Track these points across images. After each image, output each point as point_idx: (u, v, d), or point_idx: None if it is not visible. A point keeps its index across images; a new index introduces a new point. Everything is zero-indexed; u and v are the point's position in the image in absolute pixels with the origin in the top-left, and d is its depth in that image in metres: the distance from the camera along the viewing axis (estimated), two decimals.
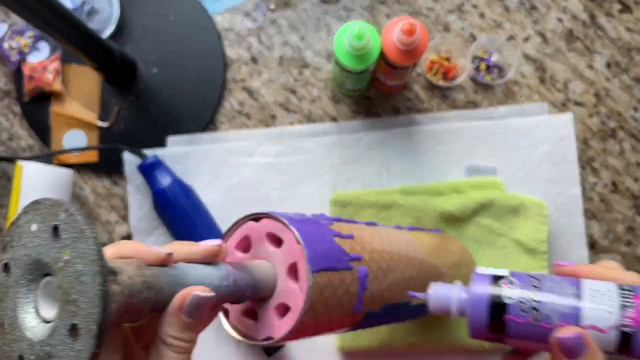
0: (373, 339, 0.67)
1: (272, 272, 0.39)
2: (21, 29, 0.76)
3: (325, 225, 0.42)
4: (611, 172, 0.73)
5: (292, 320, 0.37)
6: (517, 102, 0.74)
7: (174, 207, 0.68)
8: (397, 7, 0.76)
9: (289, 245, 0.39)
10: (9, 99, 0.77)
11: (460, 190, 0.71)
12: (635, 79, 0.74)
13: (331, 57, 0.75)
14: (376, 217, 0.69)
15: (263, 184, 0.73)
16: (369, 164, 0.73)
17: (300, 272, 0.38)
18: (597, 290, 0.35)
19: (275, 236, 0.40)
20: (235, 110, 0.75)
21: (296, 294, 0.38)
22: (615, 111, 0.74)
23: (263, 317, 0.39)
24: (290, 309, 0.38)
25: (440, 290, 0.40)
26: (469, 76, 0.74)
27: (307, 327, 0.38)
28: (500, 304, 0.36)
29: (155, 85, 0.75)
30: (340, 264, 0.40)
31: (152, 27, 0.76)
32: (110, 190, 0.75)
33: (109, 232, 0.74)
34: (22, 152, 0.76)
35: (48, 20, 0.57)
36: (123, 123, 0.75)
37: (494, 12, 0.75)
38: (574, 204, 0.71)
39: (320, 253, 0.38)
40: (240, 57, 0.76)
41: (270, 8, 0.75)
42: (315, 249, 0.38)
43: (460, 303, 0.39)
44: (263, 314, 0.39)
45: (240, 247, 0.42)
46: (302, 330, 0.38)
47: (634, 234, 0.72)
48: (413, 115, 0.74)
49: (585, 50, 0.75)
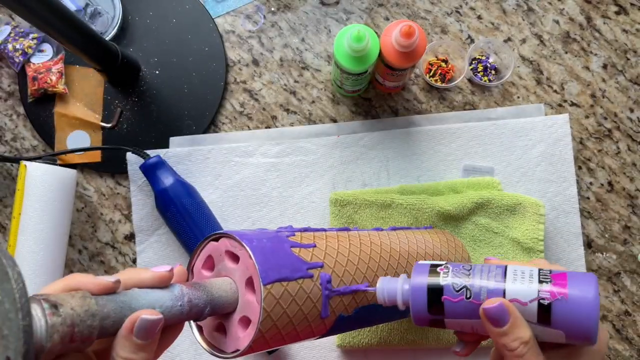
0: (372, 337, 0.68)
1: (232, 287, 0.41)
2: (25, 30, 0.77)
3: (284, 237, 0.44)
4: (607, 172, 0.74)
5: (252, 331, 0.40)
6: (514, 103, 0.75)
7: (176, 207, 0.68)
8: (395, 10, 0.76)
9: (245, 261, 0.41)
10: (13, 100, 0.78)
11: (458, 190, 0.72)
12: (631, 80, 0.75)
13: (331, 59, 0.76)
14: (375, 217, 0.70)
15: (264, 184, 0.74)
16: (368, 164, 0.74)
17: (255, 285, 0.40)
18: (519, 271, 0.40)
19: (233, 253, 0.42)
20: (236, 111, 0.76)
21: (254, 306, 0.40)
22: (611, 112, 0.75)
23: (230, 330, 0.41)
24: (251, 321, 0.40)
25: (387, 283, 0.43)
26: (467, 77, 0.75)
27: (270, 335, 0.40)
28: (437, 288, 0.40)
29: (157, 87, 0.76)
30: (297, 273, 0.42)
31: (154, 29, 0.77)
32: (114, 190, 0.76)
33: (112, 231, 0.75)
34: (26, 153, 0.77)
35: (51, 22, 0.58)
36: (126, 124, 0.76)
37: (492, 15, 0.76)
38: (571, 203, 0.72)
39: (273, 265, 0.40)
40: (241, 58, 0.77)
41: (271, 10, 0.76)
42: (268, 261, 0.40)
43: (404, 293, 0.42)
44: (230, 328, 0.41)
45: (206, 266, 0.44)
46: (267, 340, 0.40)
47: (630, 233, 0.73)
48: (411, 116, 0.75)
49: (581, 52, 0.75)
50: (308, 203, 0.73)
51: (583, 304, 0.37)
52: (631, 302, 0.73)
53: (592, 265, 0.73)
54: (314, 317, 0.43)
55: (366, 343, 0.68)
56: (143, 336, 0.34)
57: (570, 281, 0.38)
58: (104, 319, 0.33)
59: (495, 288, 0.39)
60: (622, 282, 0.73)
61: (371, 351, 0.71)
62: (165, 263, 0.73)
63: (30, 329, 0.28)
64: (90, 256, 0.75)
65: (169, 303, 0.37)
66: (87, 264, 0.75)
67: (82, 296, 0.33)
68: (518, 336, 0.38)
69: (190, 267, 0.44)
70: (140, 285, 0.37)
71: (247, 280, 0.41)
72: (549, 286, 0.38)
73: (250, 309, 0.40)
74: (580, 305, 0.37)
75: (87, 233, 0.76)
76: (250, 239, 0.41)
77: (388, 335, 0.68)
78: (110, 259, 0.75)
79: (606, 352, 0.41)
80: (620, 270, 0.73)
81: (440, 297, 0.40)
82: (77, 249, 0.75)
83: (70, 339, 0.31)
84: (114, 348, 0.34)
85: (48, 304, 0.31)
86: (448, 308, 0.40)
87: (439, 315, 0.41)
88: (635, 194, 0.74)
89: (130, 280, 0.36)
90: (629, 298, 0.73)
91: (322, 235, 0.47)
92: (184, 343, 0.72)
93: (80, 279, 0.34)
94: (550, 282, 0.38)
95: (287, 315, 0.41)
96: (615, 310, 0.73)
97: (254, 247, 0.40)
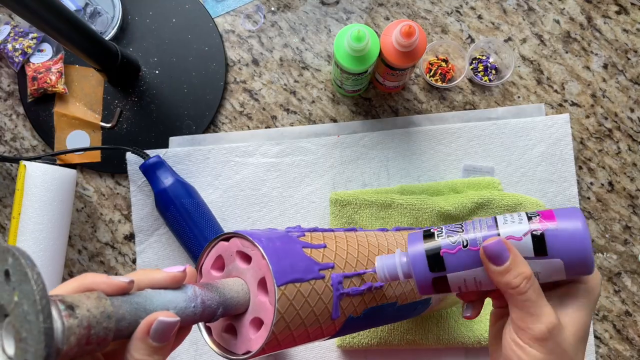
0: (372, 337, 0.68)
1: (243, 288, 0.40)
2: (25, 30, 0.77)
3: (295, 238, 0.44)
4: (608, 172, 0.74)
5: (265, 333, 0.39)
6: (515, 103, 0.75)
7: (175, 207, 0.68)
8: (395, 10, 0.76)
9: (257, 262, 0.40)
10: (12, 100, 0.78)
11: (459, 190, 0.71)
12: (631, 80, 0.75)
13: (331, 59, 0.76)
14: (375, 217, 0.70)
15: (264, 184, 0.74)
16: (368, 164, 0.74)
17: (268, 286, 0.40)
18: (508, 217, 0.41)
19: (244, 254, 0.41)
20: (236, 111, 0.76)
21: (267, 307, 0.39)
22: (611, 112, 0.74)
23: (241, 332, 0.41)
24: (264, 323, 0.40)
25: (385, 260, 0.44)
26: (467, 77, 0.75)
27: (283, 337, 0.40)
28: (435, 247, 0.41)
29: (157, 87, 0.76)
30: (309, 274, 0.41)
31: (154, 28, 0.77)
32: (113, 190, 0.76)
33: (112, 231, 0.75)
34: (26, 153, 0.77)
35: (51, 22, 0.58)
36: (126, 124, 0.76)
37: (492, 14, 0.76)
38: (571, 203, 0.72)
39: (286, 266, 0.40)
40: (241, 58, 0.77)
41: (271, 9, 0.76)
42: (282, 262, 0.40)
43: (403, 266, 0.43)
44: (241, 329, 0.41)
45: (216, 266, 0.43)
46: (279, 341, 0.40)
47: (631, 233, 0.73)
48: (412, 116, 0.75)
49: (582, 52, 0.75)
50: (308, 203, 0.73)
51: (574, 232, 0.39)
52: (632, 302, 0.73)
53: None
54: (325, 318, 0.43)
55: (366, 343, 0.68)
56: (159, 338, 0.33)
57: (558, 214, 0.40)
58: (120, 321, 0.32)
59: (489, 234, 0.40)
60: (622, 282, 0.73)
61: (371, 351, 0.71)
62: (165, 263, 0.73)
63: (52, 331, 0.27)
64: (90, 256, 0.75)
65: (182, 304, 0.36)
66: (87, 264, 0.75)
67: (98, 297, 0.32)
68: (520, 272, 0.39)
69: (199, 267, 0.44)
70: (153, 286, 0.36)
71: (260, 281, 0.40)
72: (538, 220, 0.40)
73: (263, 310, 0.40)
74: (572, 232, 0.39)
75: (86, 233, 0.75)
76: (263, 240, 0.41)
77: (388, 336, 0.68)
78: (110, 259, 0.75)
79: (599, 292, 0.42)
80: (621, 270, 0.73)
81: (439, 254, 0.41)
82: (77, 249, 0.75)
83: (87, 341, 0.30)
84: (128, 350, 0.33)
85: (64, 305, 0.30)
86: (448, 261, 0.41)
87: (441, 271, 0.41)
88: (636, 194, 0.74)
89: (143, 280, 0.36)
90: (629, 298, 0.73)
91: (331, 236, 0.47)
92: (184, 343, 0.72)
93: (93, 278, 0.33)
94: (539, 217, 0.40)
95: (299, 316, 0.40)
96: (616, 310, 0.73)
97: (267, 247, 0.40)
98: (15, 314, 0.28)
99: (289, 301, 0.39)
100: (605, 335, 0.72)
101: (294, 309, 0.40)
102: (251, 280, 0.41)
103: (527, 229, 0.40)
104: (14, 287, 0.28)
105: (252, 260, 0.41)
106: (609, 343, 0.72)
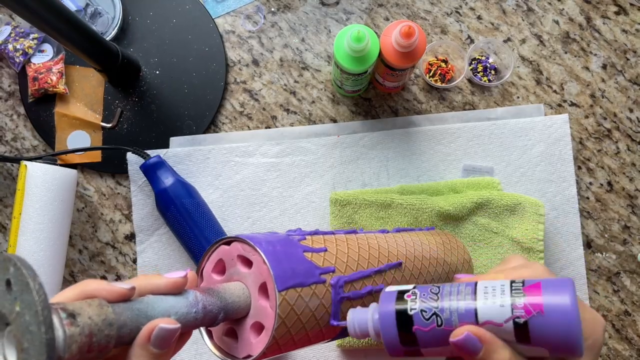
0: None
1: (244, 293, 0.41)
2: (25, 31, 0.77)
3: (296, 241, 0.44)
4: (607, 172, 0.74)
5: (267, 337, 0.39)
6: (514, 103, 0.75)
7: (176, 207, 0.69)
8: (395, 10, 0.77)
9: (258, 266, 0.40)
10: (13, 100, 0.78)
11: (458, 190, 0.72)
12: (630, 80, 0.75)
13: (331, 59, 0.76)
14: (375, 217, 0.70)
15: (264, 184, 0.74)
16: (368, 164, 0.74)
17: (269, 291, 0.40)
18: (489, 287, 0.37)
19: (245, 258, 0.41)
20: (236, 111, 0.76)
21: (268, 312, 0.40)
22: (610, 112, 0.75)
23: (242, 336, 0.41)
24: (265, 327, 0.40)
25: (357, 315, 0.40)
26: (467, 78, 0.75)
27: (283, 341, 0.40)
28: (406, 317, 0.37)
29: (157, 87, 0.76)
30: (310, 279, 0.41)
31: (154, 29, 0.77)
32: (114, 190, 0.76)
33: (112, 231, 0.75)
34: (27, 153, 0.77)
35: (51, 23, 0.58)
36: (126, 124, 0.76)
37: (491, 15, 0.76)
38: (570, 203, 0.72)
39: (287, 271, 0.40)
40: (241, 59, 0.77)
41: (271, 10, 0.76)
42: (283, 267, 0.40)
43: (375, 324, 0.39)
44: (242, 333, 0.41)
45: (217, 270, 0.44)
46: (280, 345, 0.40)
47: (630, 233, 0.73)
48: (411, 116, 0.75)
49: (581, 52, 0.76)
50: (308, 203, 0.73)
51: (561, 316, 0.34)
52: (631, 302, 0.73)
53: (592, 265, 0.73)
54: (326, 322, 0.43)
55: (366, 343, 0.68)
56: (160, 345, 0.34)
57: (545, 291, 0.35)
58: (121, 328, 0.32)
59: (466, 310, 0.36)
60: (621, 282, 0.73)
61: (371, 351, 0.71)
62: (166, 263, 0.73)
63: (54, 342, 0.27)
64: (90, 256, 0.75)
65: (184, 310, 0.36)
66: (88, 264, 0.75)
67: (99, 304, 0.32)
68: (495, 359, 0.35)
69: (200, 270, 0.44)
70: (154, 292, 0.36)
71: (261, 286, 0.40)
72: (522, 300, 0.35)
73: (264, 315, 0.40)
74: (558, 317, 0.34)
75: (87, 233, 0.76)
76: (264, 244, 0.41)
77: None
78: (111, 259, 0.75)
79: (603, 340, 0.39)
80: (620, 270, 0.73)
81: (411, 327, 0.37)
82: (78, 249, 0.75)
83: (88, 348, 0.30)
84: (129, 357, 0.34)
85: (65, 313, 0.30)
86: (421, 338, 0.37)
87: (413, 345, 0.38)
88: (635, 194, 0.74)
89: (145, 286, 0.36)
90: (628, 298, 0.73)
91: (332, 239, 0.47)
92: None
93: (94, 285, 0.33)
94: (524, 296, 0.35)
95: (300, 321, 0.40)
96: (615, 310, 0.73)
97: (268, 252, 0.40)
98: (17, 324, 0.28)
99: (290, 306, 0.39)
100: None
101: (294, 313, 0.40)
102: (252, 285, 0.41)
103: (509, 314, 0.35)
104: (15, 297, 0.28)
105: (253, 264, 0.41)
106: (608, 343, 0.72)
